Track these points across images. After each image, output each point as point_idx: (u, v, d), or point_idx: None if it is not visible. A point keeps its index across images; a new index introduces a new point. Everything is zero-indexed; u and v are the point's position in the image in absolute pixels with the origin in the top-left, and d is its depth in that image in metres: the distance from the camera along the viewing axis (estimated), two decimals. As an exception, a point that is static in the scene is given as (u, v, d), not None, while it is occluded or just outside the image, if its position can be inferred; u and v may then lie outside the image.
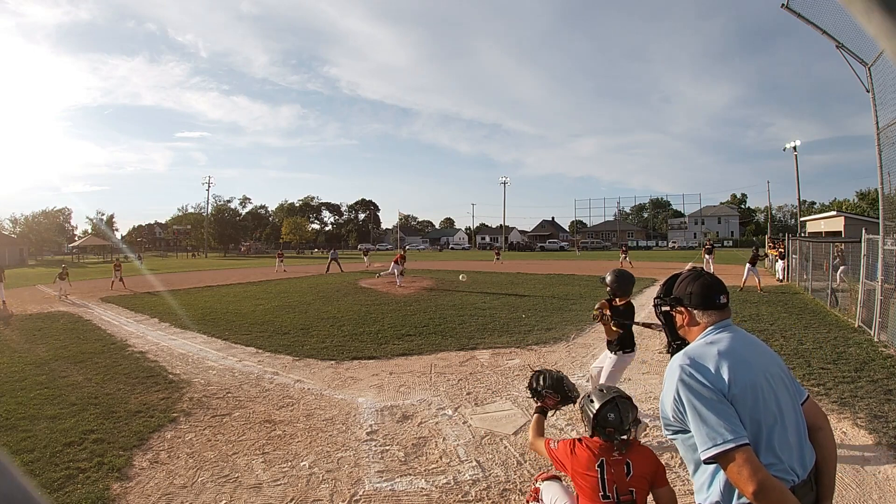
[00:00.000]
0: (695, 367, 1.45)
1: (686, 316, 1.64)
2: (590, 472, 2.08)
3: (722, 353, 1.47)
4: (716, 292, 1.61)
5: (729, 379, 1.42)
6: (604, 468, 2.08)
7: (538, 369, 2.74)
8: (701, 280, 1.64)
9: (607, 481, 2.06)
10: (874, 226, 8.59)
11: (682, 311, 1.64)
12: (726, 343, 1.52)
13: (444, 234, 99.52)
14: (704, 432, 1.36)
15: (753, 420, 1.40)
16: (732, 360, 1.46)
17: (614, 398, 2.19)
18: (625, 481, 2.07)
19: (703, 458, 1.36)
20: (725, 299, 1.62)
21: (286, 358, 6.71)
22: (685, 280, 1.68)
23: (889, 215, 7.67)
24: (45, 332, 8.94)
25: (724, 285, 1.66)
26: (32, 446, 3.79)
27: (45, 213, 67.64)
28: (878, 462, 3.37)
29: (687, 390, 1.42)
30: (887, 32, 0.41)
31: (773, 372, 1.51)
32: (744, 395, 1.41)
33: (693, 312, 1.62)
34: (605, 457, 2.10)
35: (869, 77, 7.83)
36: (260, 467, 3.46)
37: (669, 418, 1.49)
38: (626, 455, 2.12)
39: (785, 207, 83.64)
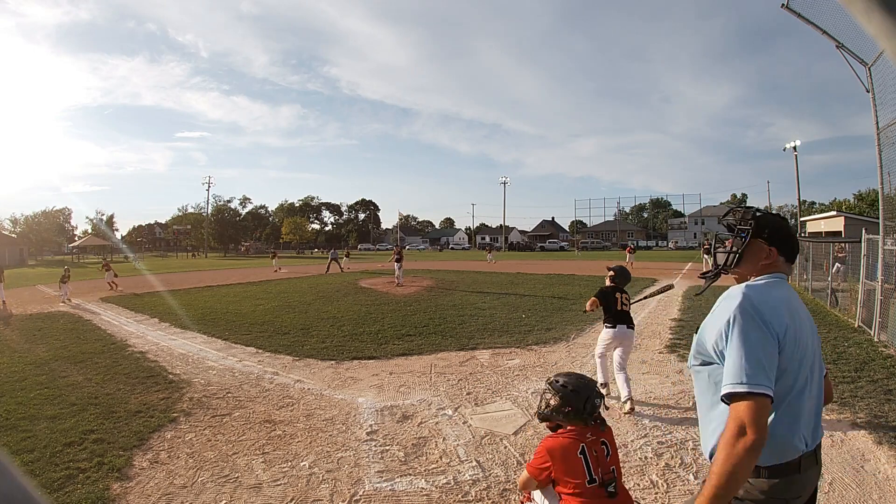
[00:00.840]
0: (760, 302, 1.39)
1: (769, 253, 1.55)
2: (575, 463, 2.06)
3: (786, 303, 1.44)
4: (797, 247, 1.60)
5: (787, 330, 1.37)
6: (586, 453, 2.08)
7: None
8: (791, 230, 1.62)
9: (592, 465, 2.06)
10: (874, 226, 8.59)
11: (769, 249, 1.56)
12: (788, 294, 1.49)
13: (444, 234, 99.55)
14: (742, 365, 1.30)
15: (790, 375, 1.37)
16: (792, 314, 1.42)
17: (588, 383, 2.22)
18: (605, 461, 2.09)
19: (726, 391, 1.30)
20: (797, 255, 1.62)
21: (286, 358, 6.71)
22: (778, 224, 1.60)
23: (889, 215, 7.67)
24: (45, 332, 8.94)
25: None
26: (32, 446, 3.79)
27: (46, 213, 67.61)
28: (878, 462, 3.37)
29: (744, 320, 1.35)
30: (887, 32, 0.41)
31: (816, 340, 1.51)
32: (792, 350, 1.37)
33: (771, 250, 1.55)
34: (583, 441, 2.09)
35: (869, 77, 7.83)
36: (260, 467, 3.46)
37: (707, 347, 1.44)
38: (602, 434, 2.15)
39: (785, 207, 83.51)
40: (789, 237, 1.59)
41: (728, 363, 1.34)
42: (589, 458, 2.06)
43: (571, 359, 6.44)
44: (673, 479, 3.21)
